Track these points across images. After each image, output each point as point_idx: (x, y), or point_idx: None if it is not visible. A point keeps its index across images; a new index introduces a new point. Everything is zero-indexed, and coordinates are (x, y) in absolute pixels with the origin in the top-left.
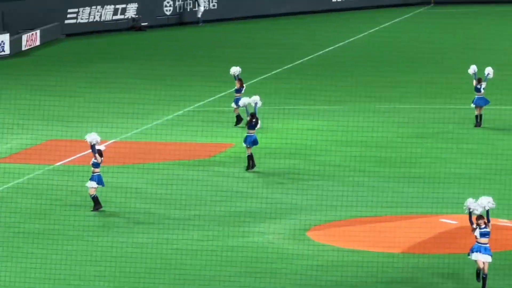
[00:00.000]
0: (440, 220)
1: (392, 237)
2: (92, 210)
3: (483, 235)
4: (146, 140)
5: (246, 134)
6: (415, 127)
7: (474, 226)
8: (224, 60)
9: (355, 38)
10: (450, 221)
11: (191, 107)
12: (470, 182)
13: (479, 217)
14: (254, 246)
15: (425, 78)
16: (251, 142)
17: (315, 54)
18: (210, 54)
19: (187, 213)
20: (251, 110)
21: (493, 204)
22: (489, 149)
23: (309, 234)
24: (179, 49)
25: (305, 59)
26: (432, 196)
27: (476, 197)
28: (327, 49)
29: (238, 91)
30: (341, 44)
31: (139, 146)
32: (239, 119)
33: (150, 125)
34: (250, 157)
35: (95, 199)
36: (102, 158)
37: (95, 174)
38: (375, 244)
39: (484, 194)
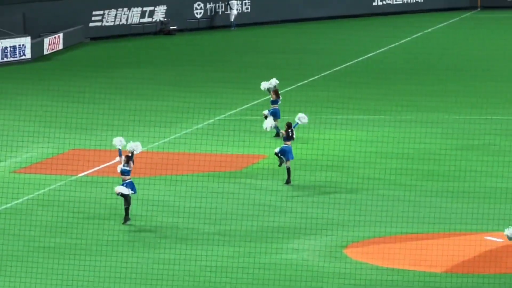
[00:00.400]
0: (485, 238)
1: (434, 255)
2: (123, 223)
3: None
4: (174, 150)
5: (282, 145)
6: (459, 139)
7: None
8: (257, 66)
9: (396, 44)
10: (496, 239)
11: (223, 115)
12: None
13: None
14: (287, 264)
15: (470, 87)
16: (287, 154)
17: (354, 61)
18: (243, 60)
19: (217, 228)
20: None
21: None
22: None
23: (346, 251)
24: (209, 54)
25: (343, 66)
26: (477, 212)
27: None
28: (366, 56)
29: (274, 102)
30: (381, 50)
31: (166, 156)
32: (278, 131)
33: (179, 134)
34: (287, 171)
35: (124, 196)
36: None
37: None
38: (416, 262)
39: None
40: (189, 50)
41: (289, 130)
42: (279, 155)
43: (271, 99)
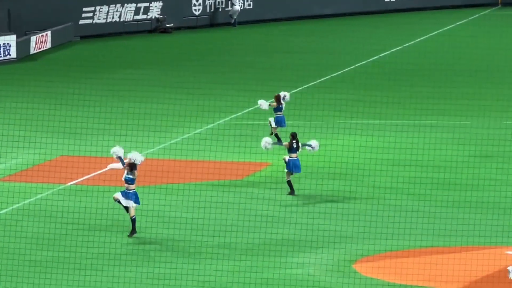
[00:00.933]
0: (505, 252)
1: (450, 270)
2: (129, 236)
3: None
4: (172, 157)
5: (288, 158)
6: (477, 145)
7: None
8: (260, 67)
9: (410, 43)
10: None
11: (224, 119)
12: None
13: None
14: (292, 279)
15: (490, 89)
16: (293, 167)
17: (364, 61)
18: (245, 60)
19: (217, 240)
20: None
21: None
22: None
23: (355, 266)
24: (209, 54)
25: (353, 66)
26: (497, 224)
27: None
28: (377, 56)
29: (278, 109)
30: (394, 50)
31: (163, 164)
32: (278, 138)
33: (177, 139)
34: (289, 184)
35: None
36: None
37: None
38: (431, 278)
39: None
40: (187, 49)
41: (294, 141)
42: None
43: (273, 107)
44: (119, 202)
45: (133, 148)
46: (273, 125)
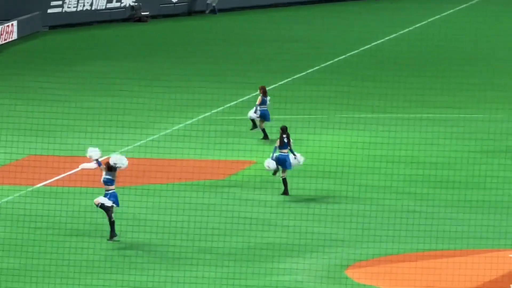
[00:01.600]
0: (510, 255)
1: (450, 275)
2: (108, 240)
3: None
4: (149, 156)
5: (278, 154)
6: (478, 139)
7: None
8: (243, 57)
9: (406, 30)
10: None
11: (205, 114)
12: None
13: None
14: (279, 286)
15: (491, 79)
16: (283, 163)
17: (355, 51)
18: (227, 50)
19: (197, 245)
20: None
21: None
22: None
23: (348, 272)
24: (188, 44)
25: (344, 56)
26: (499, 225)
27: None
28: (370, 45)
29: (262, 102)
30: (387, 38)
31: (140, 163)
32: (265, 133)
33: (155, 136)
34: (284, 182)
35: (103, 207)
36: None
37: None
38: (430, 284)
39: None
40: (164, 39)
41: (284, 136)
42: (274, 170)
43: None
44: (101, 206)
45: (110, 147)
46: (256, 116)
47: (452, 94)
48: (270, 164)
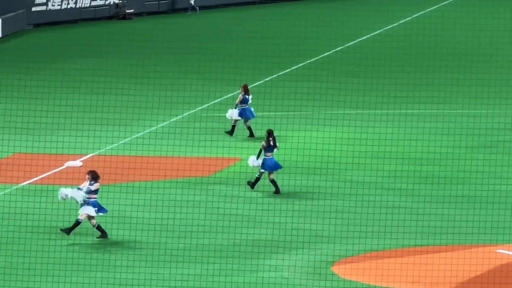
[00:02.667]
0: (496, 250)
1: (436, 271)
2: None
3: None
4: (134, 153)
5: (263, 157)
6: (463, 135)
7: None
8: (227, 54)
9: (391, 26)
10: (509, 252)
11: (190, 111)
12: None
13: None
14: (265, 283)
15: (476, 75)
16: (272, 166)
17: (341, 47)
18: (211, 47)
19: (183, 242)
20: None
21: None
22: None
23: (334, 268)
24: (172, 41)
25: (328, 52)
26: (485, 220)
27: None
28: (355, 41)
29: (244, 101)
30: (373, 34)
31: (125, 160)
32: (250, 131)
33: (140, 134)
34: (273, 182)
35: (99, 228)
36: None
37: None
38: (416, 279)
39: None
40: (148, 36)
41: (270, 139)
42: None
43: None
44: (98, 227)
45: (95, 145)
46: (236, 116)
47: (437, 90)
48: (255, 162)
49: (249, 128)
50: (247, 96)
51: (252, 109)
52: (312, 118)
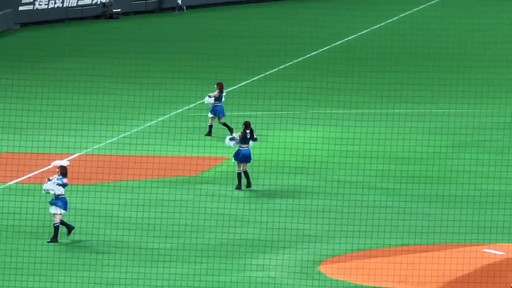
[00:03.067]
0: (482, 250)
1: (423, 270)
2: (49, 242)
3: None
4: (121, 152)
5: (238, 148)
6: (450, 134)
7: None
8: (215, 53)
9: (378, 25)
10: (496, 252)
11: (177, 111)
12: None
13: None
14: (253, 282)
15: (463, 74)
16: (245, 158)
17: (328, 46)
18: (198, 46)
19: (170, 242)
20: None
21: None
22: None
23: (321, 268)
24: (159, 40)
25: (316, 52)
26: (472, 220)
27: None
28: (342, 40)
29: (217, 98)
30: (360, 33)
31: (112, 160)
32: (227, 126)
33: (127, 133)
34: (245, 174)
35: (56, 229)
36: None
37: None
38: (403, 279)
39: None
40: (135, 36)
41: (247, 131)
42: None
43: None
44: (62, 223)
45: (83, 144)
46: (210, 115)
47: (424, 89)
48: (231, 143)
49: (224, 124)
50: (221, 94)
51: (224, 107)
52: (300, 117)
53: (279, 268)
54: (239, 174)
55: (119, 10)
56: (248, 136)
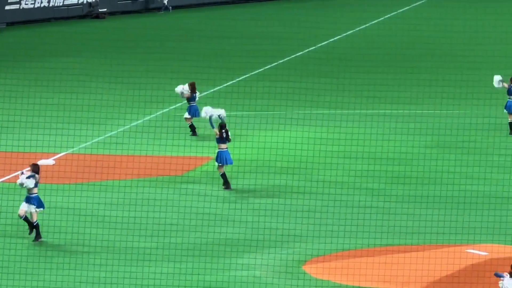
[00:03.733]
0: (466, 250)
1: (407, 270)
2: (34, 241)
3: None
4: (107, 152)
5: (217, 150)
6: (435, 135)
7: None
8: (201, 54)
9: (362, 27)
10: (479, 252)
11: (163, 110)
12: (503, 203)
13: None
14: (237, 282)
15: (447, 76)
16: (225, 159)
17: (313, 47)
18: (184, 47)
19: (155, 241)
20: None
21: None
22: None
23: (305, 267)
24: (146, 40)
25: (301, 52)
26: (456, 220)
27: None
28: (327, 41)
29: (191, 99)
30: (344, 34)
31: (97, 159)
32: (193, 129)
33: (113, 132)
34: (224, 176)
35: (26, 220)
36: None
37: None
38: (387, 279)
39: None
40: (122, 36)
41: (223, 131)
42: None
43: (188, 97)
44: (25, 219)
45: (69, 143)
46: (187, 115)
47: (409, 90)
48: (208, 111)
49: (191, 126)
50: (194, 94)
51: (198, 106)
52: (285, 118)
53: (264, 268)
54: (223, 175)
55: (105, 10)
56: (224, 136)
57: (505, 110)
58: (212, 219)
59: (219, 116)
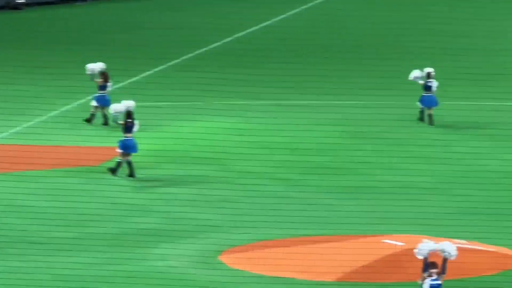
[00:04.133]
0: (382, 240)
1: (324, 260)
2: None
3: None
4: (24, 142)
5: (122, 138)
6: (351, 126)
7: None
8: (119, 44)
9: (280, 17)
10: (395, 242)
11: (80, 101)
12: (420, 193)
13: (432, 264)
14: (153, 272)
15: (366, 66)
16: (128, 147)
17: (229, 38)
18: (104, 37)
19: (72, 231)
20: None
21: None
22: (442, 153)
23: (221, 257)
24: (64, 32)
25: (219, 43)
26: (373, 211)
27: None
28: (246, 31)
29: (102, 87)
30: (264, 24)
31: (15, 149)
32: (91, 118)
33: (31, 123)
34: (129, 164)
35: None
36: None
37: None
38: (304, 269)
39: (438, 207)
40: (40, 27)
41: (128, 120)
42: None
43: (98, 84)
44: None
45: None
46: (95, 104)
47: (326, 81)
48: (117, 107)
49: (105, 115)
50: (106, 83)
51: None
52: (202, 108)
53: (179, 258)
54: (119, 163)
55: (23, 1)
56: (129, 125)
57: (418, 103)
58: (129, 209)
59: (127, 109)
